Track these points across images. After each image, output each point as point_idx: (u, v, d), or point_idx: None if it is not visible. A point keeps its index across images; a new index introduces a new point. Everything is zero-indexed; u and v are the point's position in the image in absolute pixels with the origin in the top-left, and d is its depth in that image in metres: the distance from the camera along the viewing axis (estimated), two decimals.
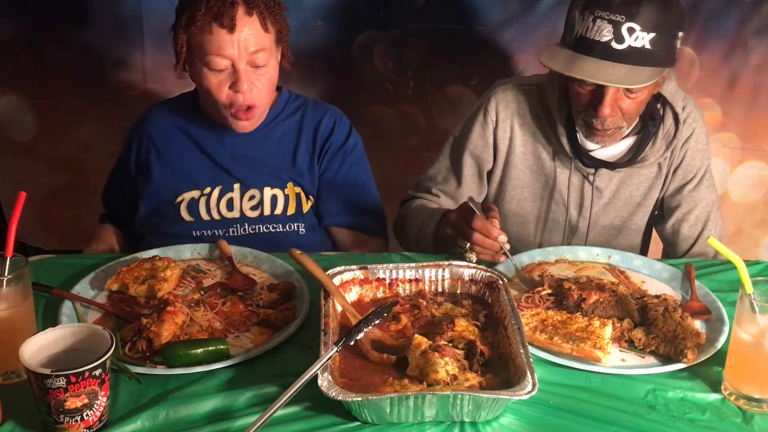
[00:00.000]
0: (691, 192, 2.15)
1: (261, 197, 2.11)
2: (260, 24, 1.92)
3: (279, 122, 2.14)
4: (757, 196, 2.87)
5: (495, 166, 2.22)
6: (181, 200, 2.11)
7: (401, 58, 2.75)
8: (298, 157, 2.14)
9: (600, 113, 1.92)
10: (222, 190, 2.11)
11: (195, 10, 1.90)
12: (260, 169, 2.12)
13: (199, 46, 1.92)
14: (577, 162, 2.12)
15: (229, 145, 2.11)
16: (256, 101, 1.99)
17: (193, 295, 1.73)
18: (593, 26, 1.84)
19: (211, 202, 2.11)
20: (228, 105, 1.98)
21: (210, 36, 1.90)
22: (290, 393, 1.30)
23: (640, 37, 1.82)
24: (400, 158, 2.87)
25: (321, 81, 2.79)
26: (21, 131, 2.88)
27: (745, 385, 1.42)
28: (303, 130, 2.15)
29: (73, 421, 1.27)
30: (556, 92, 2.09)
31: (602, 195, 2.18)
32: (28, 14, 2.72)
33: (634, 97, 1.92)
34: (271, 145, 2.13)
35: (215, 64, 1.92)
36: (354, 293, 1.66)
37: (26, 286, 1.43)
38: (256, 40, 1.92)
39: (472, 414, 1.32)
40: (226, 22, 1.88)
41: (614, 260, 1.94)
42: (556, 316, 1.63)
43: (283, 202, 2.12)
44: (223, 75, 1.94)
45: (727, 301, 1.71)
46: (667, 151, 2.10)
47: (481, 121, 2.18)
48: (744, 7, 2.59)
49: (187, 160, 2.13)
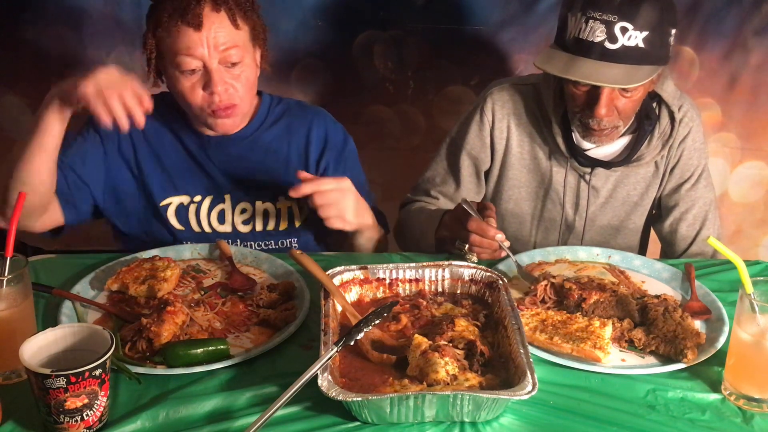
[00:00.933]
0: (688, 191, 2.15)
1: (253, 211, 2.08)
2: (229, 20, 1.86)
3: (264, 130, 2.08)
4: (757, 196, 2.87)
5: (492, 165, 2.22)
6: (169, 203, 2.06)
7: (401, 58, 2.75)
8: (290, 168, 2.07)
9: (596, 114, 1.92)
10: (213, 200, 2.07)
11: (161, 12, 1.85)
12: (250, 181, 2.07)
13: (168, 48, 1.86)
14: (573, 161, 2.12)
15: (214, 156, 2.05)
16: (235, 100, 1.92)
17: (193, 295, 1.73)
18: (586, 27, 1.84)
19: (202, 211, 2.06)
20: (204, 107, 1.91)
21: (177, 36, 1.84)
22: (290, 393, 1.30)
23: (633, 36, 1.83)
24: (400, 158, 2.87)
25: (321, 81, 2.79)
26: (21, 131, 2.87)
27: (745, 385, 1.42)
28: (292, 139, 2.10)
29: (73, 421, 1.27)
30: (550, 92, 2.09)
31: (599, 194, 2.18)
32: (28, 14, 2.71)
33: (630, 96, 1.92)
34: (258, 155, 2.07)
35: (185, 65, 1.85)
36: (354, 293, 1.66)
37: (26, 286, 1.43)
38: (227, 37, 1.85)
39: (472, 414, 1.32)
40: (192, 19, 1.81)
41: (614, 260, 1.94)
42: (556, 316, 1.63)
43: (275, 217, 2.09)
44: (195, 77, 1.88)
45: (727, 301, 1.71)
46: (663, 149, 2.11)
47: (477, 122, 2.18)
48: (744, 7, 2.60)
49: (176, 162, 2.06)
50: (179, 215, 2.06)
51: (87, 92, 1.65)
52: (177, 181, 2.06)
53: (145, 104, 1.70)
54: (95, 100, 1.65)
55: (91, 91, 1.65)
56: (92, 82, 1.65)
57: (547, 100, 2.10)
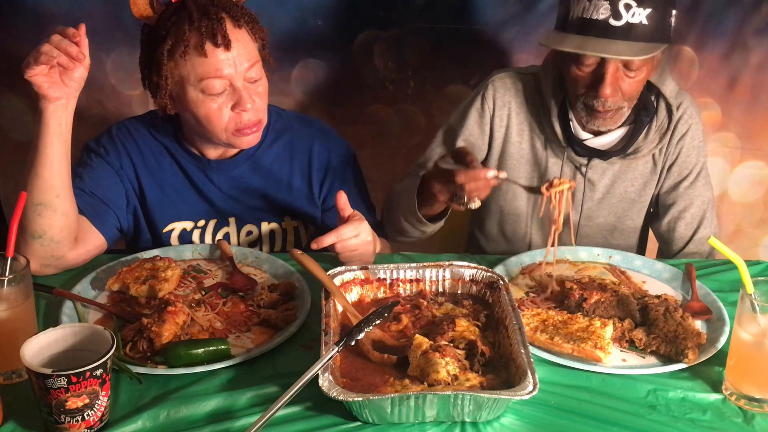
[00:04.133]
0: (687, 189, 2.15)
1: (259, 233, 2.05)
2: (249, 35, 1.82)
3: (265, 149, 2.02)
4: (757, 195, 2.87)
5: (490, 155, 2.21)
6: (172, 229, 2.01)
7: (401, 57, 2.75)
8: (294, 187, 2.06)
9: (601, 93, 1.92)
10: (217, 224, 2.03)
11: (177, 37, 1.74)
12: (254, 202, 2.03)
13: (191, 71, 1.77)
14: (570, 151, 2.12)
15: (216, 180, 2.00)
16: (261, 115, 1.87)
17: (194, 295, 1.73)
18: (590, 5, 1.86)
19: (206, 236, 2.02)
20: (230, 126, 1.84)
21: (204, 59, 1.75)
22: (291, 393, 1.30)
23: (637, 12, 1.84)
24: (400, 157, 2.87)
25: (321, 81, 2.79)
26: (21, 131, 2.87)
27: (745, 385, 1.42)
28: (294, 158, 2.06)
29: (74, 421, 1.27)
30: (549, 81, 2.10)
31: (595, 188, 2.18)
32: (28, 14, 2.71)
33: (634, 76, 1.93)
34: (260, 175, 2.03)
35: (212, 89, 1.77)
36: (355, 293, 1.66)
37: (27, 286, 1.43)
38: (250, 53, 1.81)
39: (473, 414, 1.32)
40: (221, 39, 1.74)
41: (615, 260, 1.94)
42: (556, 316, 1.63)
43: (281, 238, 2.07)
44: (222, 98, 1.80)
45: (728, 301, 1.71)
46: (660, 143, 2.11)
47: (478, 108, 2.18)
48: (744, 7, 2.59)
49: (177, 187, 2.00)
50: (183, 240, 2.02)
51: (26, 70, 1.59)
52: (179, 207, 2.01)
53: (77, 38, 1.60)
54: (37, 69, 1.59)
55: (29, 63, 1.59)
56: (27, 59, 1.60)
57: (545, 88, 2.11)
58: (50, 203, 1.70)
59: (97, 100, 2.81)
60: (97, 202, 1.91)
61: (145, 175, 1.99)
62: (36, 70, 1.59)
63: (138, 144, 1.99)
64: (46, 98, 1.62)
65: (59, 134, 1.66)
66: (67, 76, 1.62)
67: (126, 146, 1.99)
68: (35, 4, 2.69)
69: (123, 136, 2.00)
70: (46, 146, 1.66)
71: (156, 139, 2.00)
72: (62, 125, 1.66)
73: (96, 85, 2.78)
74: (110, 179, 1.96)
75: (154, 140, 2.00)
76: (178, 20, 1.76)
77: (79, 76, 1.63)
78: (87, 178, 1.92)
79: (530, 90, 2.17)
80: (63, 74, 1.62)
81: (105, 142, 1.99)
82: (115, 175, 1.96)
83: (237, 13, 1.80)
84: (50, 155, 1.67)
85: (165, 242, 2.01)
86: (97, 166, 1.95)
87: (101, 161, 1.96)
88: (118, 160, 1.97)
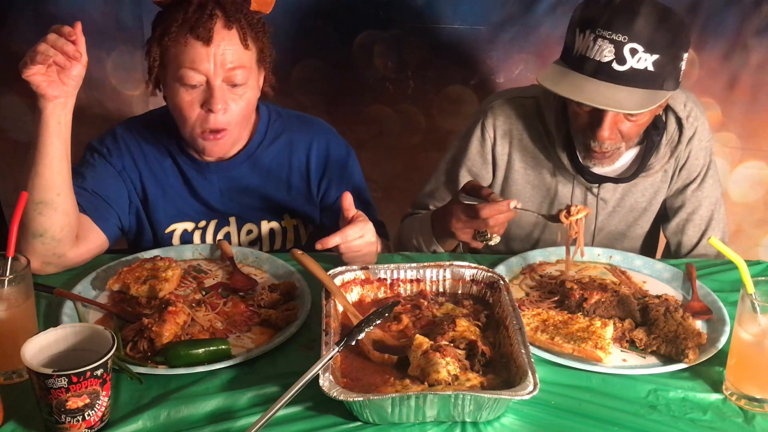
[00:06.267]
0: (694, 191, 2.12)
1: (258, 232, 2.06)
2: (239, 39, 1.80)
3: (264, 149, 2.03)
4: (757, 195, 2.87)
5: (494, 181, 2.18)
6: (173, 230, 2.02)
7: (401, 57, 2.75)
8: (293, 186, 2.06)
9: (599, 136, 1.85)
10: (217, 224, 2.04)
11: (171, 21, 1.78)
12: (253, 202, 2.04)
13: (173, 59, 1.79)
14: (580, 178, 2.08)
15: (215, 181, 2.01)
16: (227, 125, 1.85)
17: (195, 295, 1.73)
18: (594, 45, 1.76)
19: (207, 236, 2.03)
20: (197, 124, 1.84)
21: (184, 48, 1.77)
22: (291, 393, 1.30)
23: (643, 58, 1.74)
24: (400, 158, 2.87)
25: (321, 81, 2.78)
26: (21, 131, 2.87)
27: (746, 385, 1.42)
28: (293, 157, 2.06)
29: (74, 421, 1.27)
30: (552, 112, 2.05)
31: (607, 204, 2.14)
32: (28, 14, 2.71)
33: (635, 120, 1.86)
34: (259, 175, 2.03)
35: (188, 79, 1.78)
36: (355, 293, 1.66)
37: (27, 286, 1.43)
38: (234, 56, 1.79)
39: (473, 414, 1.32)
40: (202, 33, 1.75)
41: (615, 260, 1.94)
42: (557, 316, 1.63)
43: (281, 236, 2.08)
44: (196, 92, 1.80)
45: (729, 301, 1.71)
46: (672, 157, 2.07)
47: (479, 138, 2.13)
48: (744, 7, 2.59)
49: (177, 188, 2.02)
50: (184, 241, 2.03)
51: (23, 69, 1.60)
52: (180, 208, 2.02)
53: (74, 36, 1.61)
54: (34, 68, 1.59)
55: (26, 63, 1.60)
56: (24, 59, 1.61)
57: (549, 119, 2.05)
58: (51, 202, 1.70)
59: (98, 100, 2.81)
60: (99, 200, 1.92)
61: (147, 176, 2.00)
62: (33, 70, 1.60)
63: (141, 145, 2.00)
64: (44, 97, 1.63)
65: (59, 133, 1.67)
66: (65, 74, 1.62)
67: (129, 147, 2.00)
68: (35, 4, 2.69)
69: (127, 137, 2.00)
70: (45, 145, 1.67)
71: (159, 141, 2.01)
72: (61, 124, 1.67)
73: (96, 85, 2.78)
74: (112, 179, 1.96)
75: (156, 142, 2.01)
76: (178, 8, 1.79)
77: (77, 74, 1.64)
78: (89, 177, 1.93)
79: (532, 115, 2.09)
80: (60, 73, 1.62)
81: (108, 142, 2.00)
82: (117, 175, 1.97)
83: (233, 15, 1.79)
84: (50, 154, 1.68)
85: (167, 243, 2.02)
86: (99, 166, 1.96)
87: (104, 161, 1.97)
88: (121, 161, 1.98)
